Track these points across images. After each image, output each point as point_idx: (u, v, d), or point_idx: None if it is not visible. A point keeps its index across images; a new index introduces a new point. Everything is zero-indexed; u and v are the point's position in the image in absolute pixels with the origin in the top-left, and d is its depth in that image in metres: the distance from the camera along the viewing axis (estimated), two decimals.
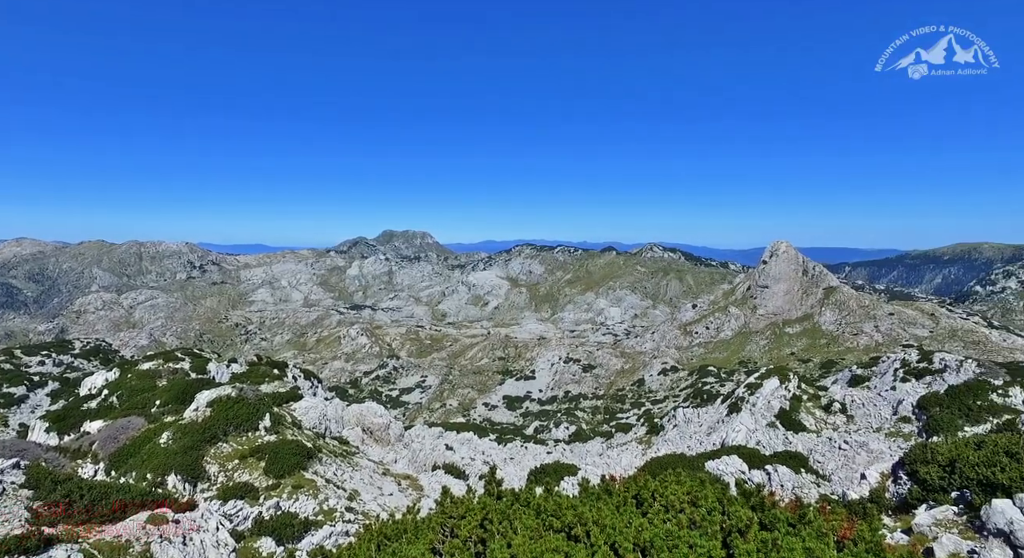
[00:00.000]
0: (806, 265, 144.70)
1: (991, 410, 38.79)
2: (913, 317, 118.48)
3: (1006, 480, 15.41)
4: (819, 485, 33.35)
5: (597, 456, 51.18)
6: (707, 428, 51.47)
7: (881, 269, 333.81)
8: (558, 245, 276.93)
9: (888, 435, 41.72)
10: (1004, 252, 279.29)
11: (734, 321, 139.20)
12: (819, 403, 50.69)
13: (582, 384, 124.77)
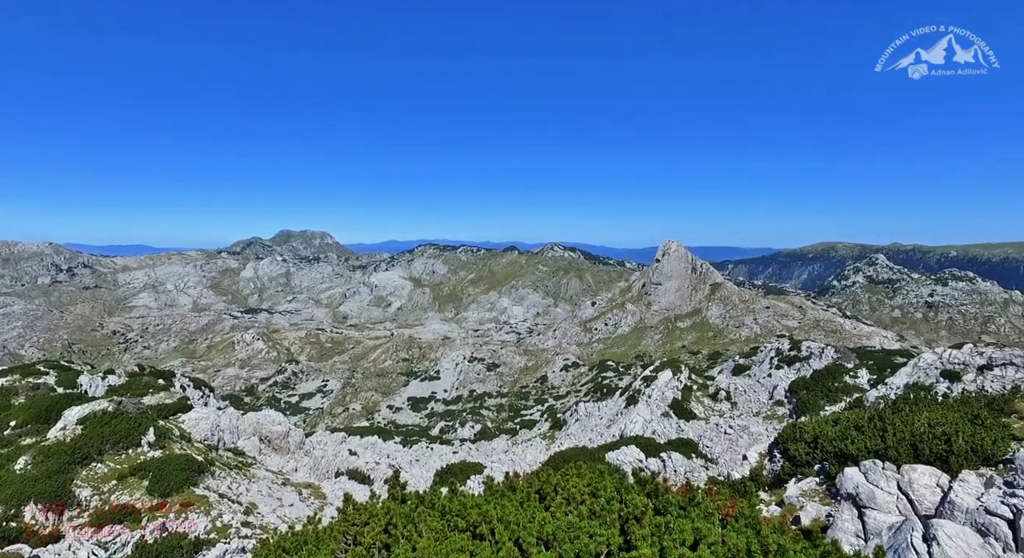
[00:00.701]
0: (695, 263, 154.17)
1: (845, 390, 43.35)
2: (785, 310, 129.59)
3: (855, 451, 17.44)
4: (708, 468, 35.81)
5: (503, 453, 51.91)
6: (607, 421, 53.63)
7: (759, 266, 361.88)
8: (461, 245, 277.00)
9: (766, 418, 45.50)
10: (854, 251, 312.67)
11: (631, 317, 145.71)
12: (707, 392, 54.31)
13: (487, 383, 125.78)
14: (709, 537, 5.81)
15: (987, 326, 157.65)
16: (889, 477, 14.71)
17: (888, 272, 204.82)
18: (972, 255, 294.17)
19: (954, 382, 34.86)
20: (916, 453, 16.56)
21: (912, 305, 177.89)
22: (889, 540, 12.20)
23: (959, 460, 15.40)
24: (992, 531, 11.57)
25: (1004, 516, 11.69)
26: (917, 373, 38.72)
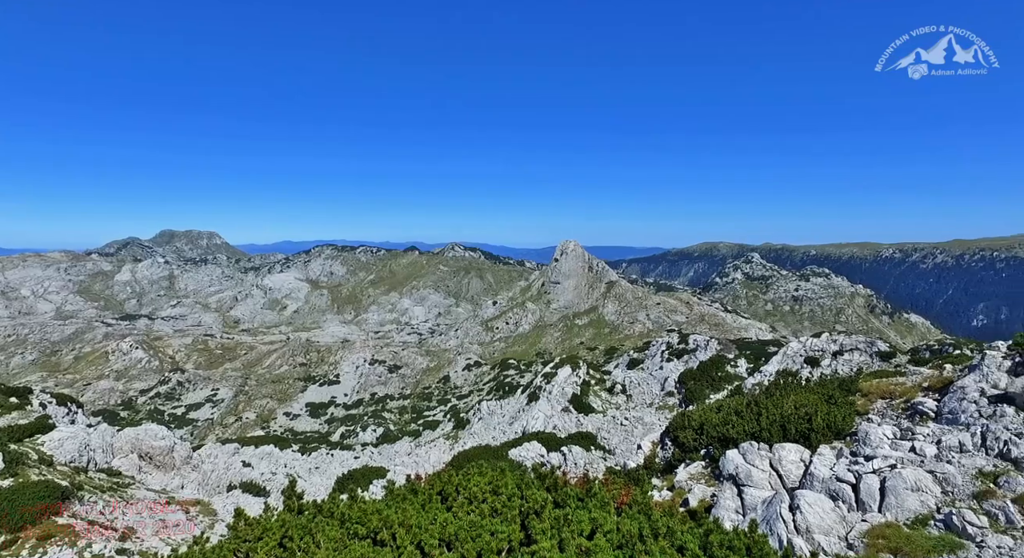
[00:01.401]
0: (591, 262, 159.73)
1: (727, 379, 46.74)
2: (674, 306, 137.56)
3: (735, 434, 18.92)
4: (606, 459, 37.33)
5: (406, 456, 51.21)
6: (509, 418, 54.37)
7: (650, 265, 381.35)
8: (360, 245, 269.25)
9: (658, 408, 48.09)
10: (733, 250, 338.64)
11: (531, 316, 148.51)
12: (605, 386, 56.52)
13: (388, 385, 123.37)
14: (605, 525, 6.13)
15: (839, 316, 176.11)
16: (763, 456, 16.10)
17: (762, 269, 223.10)
18: (827, 254, 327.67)
19: (814, 367, 38.66)
20: (785, 433, 18.24)
21: (781, 299, 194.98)
22: (763, 512, 13.36)
23: (818, 436, 17.14)
24: (840, 495, 13.02)
25: (849, 481, 13.19)
26: (786, 360, 42.49)
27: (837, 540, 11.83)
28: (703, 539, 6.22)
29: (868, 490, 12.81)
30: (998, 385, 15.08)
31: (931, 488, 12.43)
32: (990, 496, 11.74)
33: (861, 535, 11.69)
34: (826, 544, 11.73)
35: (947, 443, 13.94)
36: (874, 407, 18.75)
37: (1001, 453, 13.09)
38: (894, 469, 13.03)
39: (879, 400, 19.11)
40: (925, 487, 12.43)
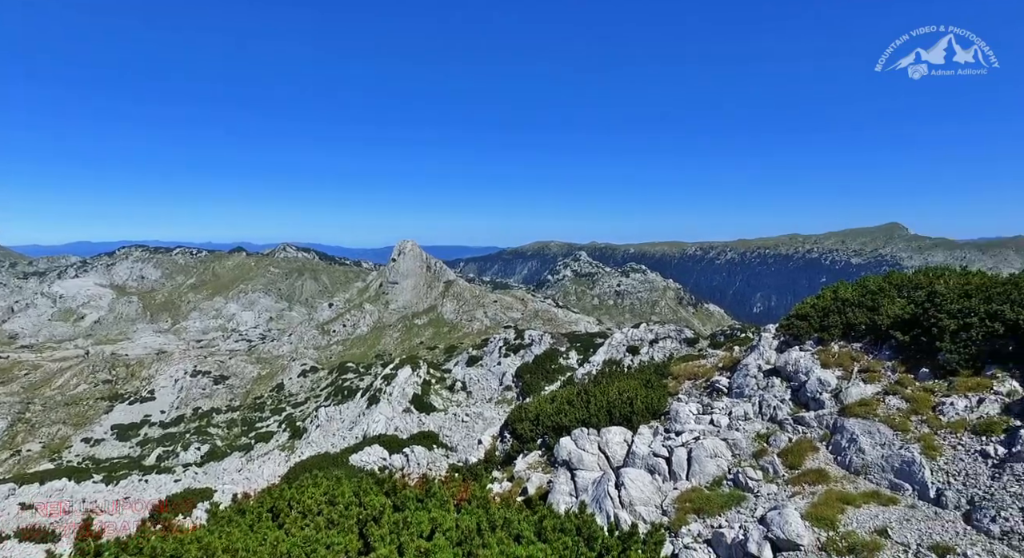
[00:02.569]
0: (429, 262, 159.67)
1: (560, 370, 49.66)
2: (510, 303, 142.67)
3: (568, 422, 20.24)
4: (448, 456, 37.67)
5: (236, 473, 47.16)
6: (349, 423, 52.54)
7: (487, 263, 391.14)
8: (177, 246, 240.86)
9: (497, 403, 49.59)
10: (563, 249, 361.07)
11: (369, 317, 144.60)
12: (445, 384, 56.93)
13: (214, 398, 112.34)
14: (444, 524, 6.25)
15: (654, 308, 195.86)
16: (592, 441, 17.41)
17: (589, 267, 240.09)
18: (644, 251, 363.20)
19: (635, 355, 42.58)
20: (611, 417, 19.92)
21: (606, 294, 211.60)
22: (593, 492, 14.47)
23: (638, 418, 18.98)
24: (657, 469, 14.58)
25: (663, 456, 14.83)
26: (611, 351, 46.23)
27: (654, 509, 13.22)
28: (538, 525, 6.63)
29: (678, 461, 14.49)
30: (770, 361, 17.89)
31: (725, 453, 14.40)
32: (764, 454, 13.93)
33: (673, 501, 13.20)
34: (645, 514, 13.05)
35: (736, 413, 16.25)
36: (683, 388, 21.15)
37: (772, 417, 15.58)
38: (698, 441, 14.88)
39: (687, 381, 21.61)
40: (720, 453, 14.38)
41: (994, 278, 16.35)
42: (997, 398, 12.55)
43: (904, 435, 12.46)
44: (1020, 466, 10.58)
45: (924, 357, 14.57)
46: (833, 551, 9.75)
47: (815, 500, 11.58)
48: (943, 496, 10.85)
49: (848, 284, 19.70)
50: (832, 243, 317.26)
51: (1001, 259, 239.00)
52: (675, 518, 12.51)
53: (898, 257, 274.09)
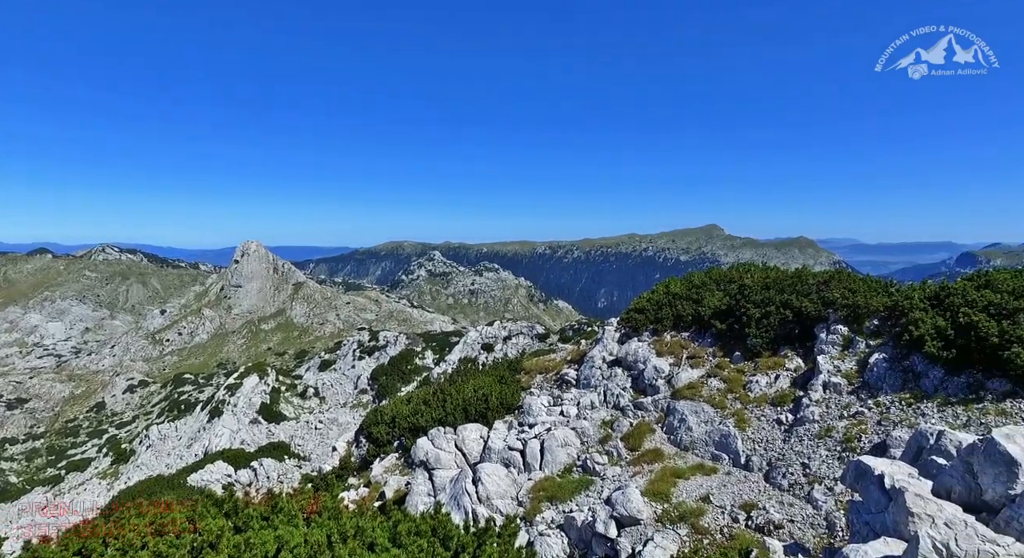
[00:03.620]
0: (276, 263, 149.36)
1: (416, 371, 49.16)
2: (364, 304, 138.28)
3: (424, 423, 20.04)
4: (301, 466, 35.54)
5: (39, 512, 40.44)
6: (188, 440, 47.54)
7: (338, 264, 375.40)
8: None
9: (352, 407, 47.81)
10: (417, 248, 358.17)
11: (209, 323, 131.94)
12: (296, 391, 53.69)
13: (8, 425, 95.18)
14: (292, 541, 5.83)
15: (507, 306, 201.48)
16: (449, 439, 17.41)
17: (443, 266, 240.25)
18: (496, 251, 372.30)
19: (489, 352, 43.42)
20: (467, 415, 20.08)
21: (461, 293, 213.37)
22: (451, 490, 14.49)
23: (493, 414, 19.35)
24: (512, 462, 14.99)
25: (518, 449, 15.29)
26: (466, 348, 46.69)
27: (511, 501, 13.56)
28: (392, 531, 6.45)
29: (532, 453, 15.00)
30: (613, 352, 19.20)
31: (574, 442, 15.19)
32: (609, 439, 14.95)
33: (528, 492, 13.64)
34: (502, 506, 13.33)
35: (584, 403, 17.22)
36: (535, 382, 21.93)
37: (615, 405, 16.76)
38: (550, 432, 15.53)
39: (538, 375, 22.44)
40: (570, 442, 15.14)
41: (785, 272, 19.04)
42: (788, 374, 14.63)
43: (722, 412, 14.06)
44: (802, 429, 12.43)
45: (737, 342, 16.54)
46: (667, 521, 10.70)
47: (652, 477, 12.65)
48: (750, 461, 12.41)
49: (677, 279, 21.75)
50: (664, 242, 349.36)
51: (790, 256, 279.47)
52: (530, 507, 12.94)
53: (717, 255, 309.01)
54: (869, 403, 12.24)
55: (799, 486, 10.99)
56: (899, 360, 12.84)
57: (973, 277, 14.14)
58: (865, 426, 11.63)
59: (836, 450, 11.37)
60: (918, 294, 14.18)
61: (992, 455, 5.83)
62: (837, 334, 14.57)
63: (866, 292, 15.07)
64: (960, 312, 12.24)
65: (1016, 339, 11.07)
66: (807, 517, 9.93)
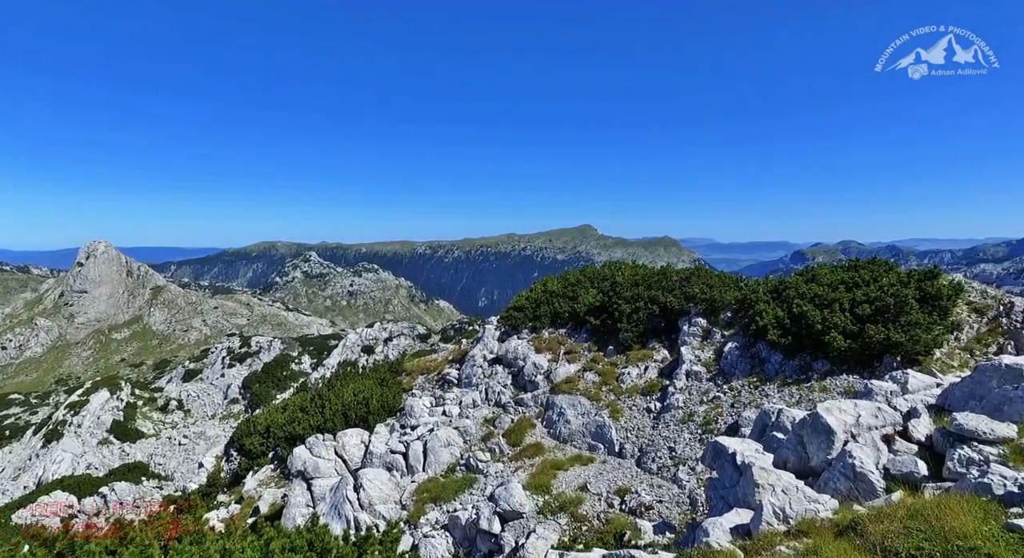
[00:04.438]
0: (130, 266, 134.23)
1: (293, 376, 46.59)
2: (234, 308, 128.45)
3: (302, 430, 19.02)
4: (162, 488, 32.24)
5: None
6: (14, 470, 41.31)
7: (204, 266, 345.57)
8: None
9: (223, 419, 44.24)
10: (292, 249, 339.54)
11: (45, 334, 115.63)
12: (156, 405, 48.63)
13: None
14: None
15: (388, 307, 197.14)
16: (328, 446, 16.67)
17: (320, 267, 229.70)
18: (376, 251, 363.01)
19: (370, 354, 42.20)
20: (347, 420, 19.34)
21: (339, 294, 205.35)
22: (331, 500, 13.86)
23: (375, 417, 18.82)
24: (395, 465, 14.68)
25: (400, 451, 15.00)
26: (346, 352, 45.00)
27: (394, 505, 13.24)
28: (264, 550, 5.99)
29: (415, 455, 14.77)
30: (493, 350, 19.45)
31: (457, 441, 15.18)
32: (491, 437, 15.12)
33: (411, 494, 13.40)
34: (385, 511, 12.99)
35: (466, 402, 17.26)
36: (417, 382, 21.63)
37: (497, 402, 16.99)
38: (432, 432, 15.38)
39: (420, 376, 22.16)
40: (453, 441, 15.10)
41: (652, 270, 20.39)
42: (656, 365, 15.68)
43: (598, 404, 14.75)
44: (668, 415, 13.40)
45: (611, 337, 17.44)
46: (548, 512, 11.02)
47: (534, 471, 12.97)
48: (624, 449, 13.14)
49: (554, 278, 22.49)
50: (542, 242, 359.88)
51: (657, 255, 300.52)
52: (414, 510, 12.73)
53: (591, 254, 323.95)
54: (724, 388, 13.45)
55: (667, 469, 11.81)
56: (748, 348, 14.23)
57: (803, 272, 16.06)
58: (721, 409, 12.76)
59: (697, 433, 12.37)
60: (762, 288, 15.82)
61: (816, 427, 6.63)
62: (697, 326, 15.85)
63: (721, 287, 16.55)
64: (794, 303, 13.83)
65: (833, 325, 12.71)
66: (673, 496, 10.70)
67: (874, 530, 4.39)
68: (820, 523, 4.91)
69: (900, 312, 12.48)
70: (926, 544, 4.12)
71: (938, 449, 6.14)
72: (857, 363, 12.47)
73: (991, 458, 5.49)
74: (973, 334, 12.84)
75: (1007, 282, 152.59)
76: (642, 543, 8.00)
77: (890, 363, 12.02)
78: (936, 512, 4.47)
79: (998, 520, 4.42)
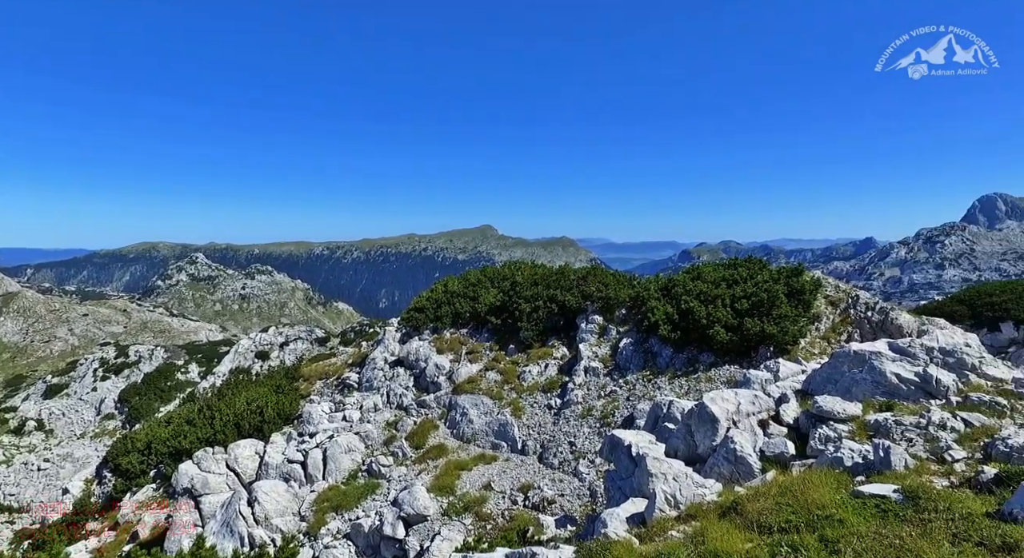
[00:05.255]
0: None
1: (179, 387, 43.06)
2: (108, 315, 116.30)
3: (189, 445, 17.56)
4: (14, 522, 28.50)
5: None
6: None
7: (70, 269, 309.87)
8: None
9: (94, 437, 39.94)
10: (175, 250, 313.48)
11: None
12: (8, 427, 42.94)
13: None
14: None
15: (283, 310, 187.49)
16: (219, 460, 15.53)
17: (208, 269, 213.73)
18: (269, 252, 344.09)
19: (265, 360, 39.91)
20: (240, 430, 18.10)
21: (230, 298, 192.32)
22: (222, 516, 12.92)
23: (270, 426, 17.77)
24: (293, 475, 13.97)
25: (298, 461, 14.31)
26: (238, 358, 42.22)
27: (292, 517, 12.58)
28: None
29: (314, 463, 14.12)
30: (395, 353, 19.05)
31: (359, 446, 14.70)
32: (394, 440, 14.80)
33: (311, 505, 12.80)
34: (283, 524, 12.30)
35: (367, 406, 16.76)
36: (315, 388, 20.71)
37: (399, 405, 16.66)
38: (332, 439, 14.79)
39: (319, 381, 21.23)
40: (355, 447, 14.61)
41: (551, 270, 20.89)
42: (556, 362, 16.08)
43: (500, 402, 14.87)
44: (568, 411, 13.79)
45: (511, 336, 17.64)
46: (453, 513, 10.95)
47: (438, 473, 12.84)
48: (526, 446, 13.36)
49: (455, 278, 22.39)
50: (443, 242, 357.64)
51: (555, 255, 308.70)
52: (314, 521, 12.17)
53: (491, 254, 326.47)
54: (620, 382, 14.05)
55: (568, 463, 12.14)
56: (641, 343, 14.96)
57: (689, 270, 17.17)
58: (618, 403, 13.31)
59: (596, 427, 12.82)
60: (653, 286, 16.71)
61: (703, 416, 7.10)
62: (594, 323, 16.43)
63: (616, 286, 17.28)
64: (682, 300, 14.74)
65: (716, 320, 13.70)
66: (575, 490, 11.01)
67: (751, 508, 4.76)
68: (707, 506, 5.24)
69: (772, 306, 13.68)
70: (793, 517, 4.52)
71: (803, 430, 6.78)
72: (738, 354, 13.51)
73: (843, 435, 6.14)
74: (829, 324, 14.34)
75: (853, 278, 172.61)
76: (545, 538, 8.16)
77: (765, 353, 13.13)
78: (801, 487, 4.92)
79: (847, 489, 4.96)
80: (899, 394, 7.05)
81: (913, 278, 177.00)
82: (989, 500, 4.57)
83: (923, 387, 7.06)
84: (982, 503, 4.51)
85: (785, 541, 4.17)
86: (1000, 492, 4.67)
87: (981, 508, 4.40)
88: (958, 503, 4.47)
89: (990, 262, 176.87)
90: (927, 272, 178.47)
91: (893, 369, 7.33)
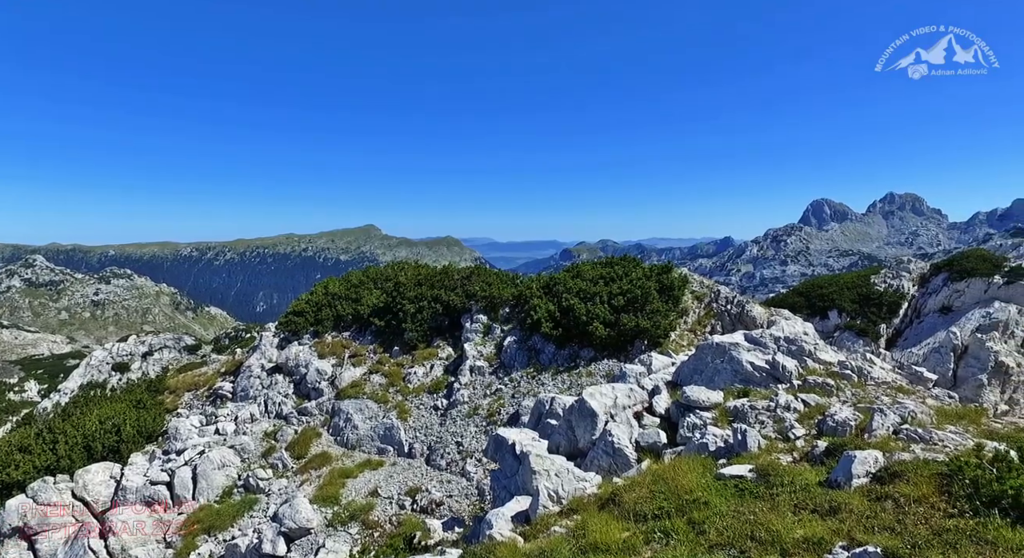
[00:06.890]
0: None
1: (11, 409, 37.31)
2: None
3: (22, 476, 15.19)
4: None
5: None
6: None
7: None
8: None
9: None
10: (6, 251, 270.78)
11: None
12: None
13: None
14: None
15: (146, 317, 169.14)
16: (63, 489, 13.58)
17: (50, 274, 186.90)
18: (128, 254, 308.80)
19: (124, 372, 35.68)
20: (91, 454, 15.95)
21: (79, 305, 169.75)
22: (66, 554, 11.35)
23: (129, 446, 15.86)
24: (157, 498, 12.57)
25: (164, 481, 12.92)
26: (90, 372, 37.35)
27: (156, 545, 11.33)
28: None
29: (182, 483, 12.81)
30: (272, 359, 17.85)
31: (234, 461, 13.56)
32: (273, 452, 13.84)
33: (179, 528, 11.60)
34: (144, 555, 11.06)
35: (242, 417, 15.52)
36: (183, 401, 18.84)
37: (278, 414, 15.62)
38: (203, 454, 13.50)
39: (187, 393, 19.34)
40: (229, 461, 13.45)
41: (434, 269, 20.66)
42: (441, 362, 15.92)
43: (385, 406, 14.42)
44: (455, 411, 13.71)
45: (396, 337, 17.19)
46: (338, 523, 10.44)
47: (321, 482, 12.17)
48: (413, 448, 13.07)
49: (336, 279, 21.41)
50: (324, 242, 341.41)
51: (440, 254, 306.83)
52: (182, 546, 11.05)
53: (375, 254, 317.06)
54: (505, 380, 14.19)
55: (455, 464, 12.04)
56: (525, 341, 15.22)
57: (570, 269, 17.75)
58: (503, 401, 13.43)
59: (483, 426, 12.84)
60: (536, 284, 17.07)
61: (582, 411, 7.33)
62: (479, 323, 16.46)
63: (499, 285, 17.43)
64: (563, 298, 15.19)
65: (595, 316, 14.29)
66: (463, 490, 10.94)
67: (628, 498, 4.97)
68: (587, 499, 5.40)
69: (646, 302, 14.52)
70: (665, 503, 4.78)
71: (674, 419, 7.23)
72: (615, 349, 14.18)
73: (707, 422, 6.62)
74: (695, 317, 15.52)
75: (715, 274, 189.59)
76: (432, 542, 8.01)
77: (640, 346, 13.90)
78: (672, 474, 5.22)
79: (712, 472, 5.34)
80: (753, 381, 7.77)
81: (763, 273, 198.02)
82: (821, 471, 5.15)
83: (772, 373, 7.82)
84: (815, 474, 5.07)
85: (658, 527, 4.39)
86: (829, 462, 5.29)
87: (815, 478, 4.94)
88: (799, 476, 4.98)
89: (821, 258, 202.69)
90: (774, 268, 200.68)
91: (748, 358, 8.06)
